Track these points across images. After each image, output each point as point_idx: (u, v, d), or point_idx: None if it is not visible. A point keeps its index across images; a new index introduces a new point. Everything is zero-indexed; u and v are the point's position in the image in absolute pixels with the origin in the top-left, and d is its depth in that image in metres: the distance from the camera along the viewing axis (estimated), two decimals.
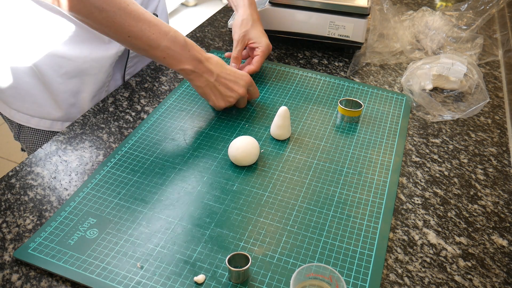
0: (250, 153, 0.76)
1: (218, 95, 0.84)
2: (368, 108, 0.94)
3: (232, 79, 0.84)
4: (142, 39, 0.75)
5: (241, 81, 0.85)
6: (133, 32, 0.74)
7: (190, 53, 0.79)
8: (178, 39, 0.78)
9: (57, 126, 0.99)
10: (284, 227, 0.68)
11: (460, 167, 0.83)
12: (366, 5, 1.05)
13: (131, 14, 0.73)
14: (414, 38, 1.19)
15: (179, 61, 0.79)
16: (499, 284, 0.63)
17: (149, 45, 0.76)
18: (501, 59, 1.19)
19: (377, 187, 0.76)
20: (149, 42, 0.76)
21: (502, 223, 0.72)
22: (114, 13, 0.72)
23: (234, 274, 0.59)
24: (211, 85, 0.83)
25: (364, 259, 0.64)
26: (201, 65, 0.81)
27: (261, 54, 0.97)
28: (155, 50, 0.77)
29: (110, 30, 0.74)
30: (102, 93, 0.99)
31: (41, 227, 0.66)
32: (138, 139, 0.83)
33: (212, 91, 0.83)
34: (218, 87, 0.83)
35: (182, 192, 0.73)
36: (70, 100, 0.95)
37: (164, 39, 0.77)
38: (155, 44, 0.76)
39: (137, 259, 0.62)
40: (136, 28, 0.74)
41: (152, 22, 0.76)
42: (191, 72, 0.80)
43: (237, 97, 0.86)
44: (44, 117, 0.97)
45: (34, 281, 0.60)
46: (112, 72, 0.98)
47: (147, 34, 0.75)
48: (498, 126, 0.94)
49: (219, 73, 0.82)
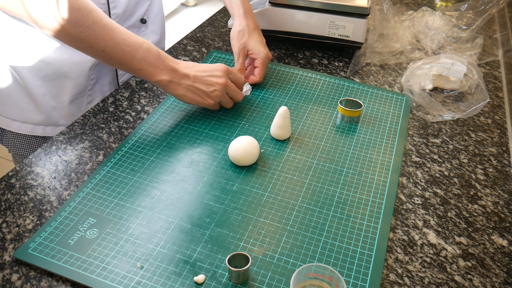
0: (250, 153, 0.76)
1: (202, 94, 0.84)
2: (368, 108, 0.94)
3: (208, 74, 0.83)
4: (117, 51, 0.75)
5: (217, 72, 0.84)
6: (108, 46, 0.74)
7: (164, 63, 0.80)
8: (151, 50, 0.78)
9: (39, 130, 0.98)
10: (284, 227, 0.68)
11: (460, 167, 0.83)
12: (366, 5, 1.05)
13: (104, 28, 0.74)
14: (414, 38, 1.19)
15: (155, 73, 0.79)
16: (499, 284, 0.63)
17: (125, 58, 0.76)
18: (501, 59, 1.19)
19: (377, 187, 0.76)
20: (124, 55, 0.76)
21: (502, 223, 0.72)
22: (88, 28, 0.72)
23: (234, 274, 0.59)
24: (191, 88, 0.82)
25: (364, 259, 0.64)
26: (176, 73, 0.81)
27: (261, 66, 0.96)
28: (130, 62, 0.77)
29: (85, 44, 0.74)
30: (84, 97, 0.98)
31: (41, 227, 0.66)
32: (138, 139, 0.83)
33: (194, 93, 0.83)
34: (198, 86, 0.83)
35: (182, 192, 0.73)
36: (50, 103, 0.95)
37: (139, 51, 0.77)
38: (130, 57, 0.76)
39: (137, 259, 0.62)
40: (111, 42, 0.74)
41: (125, 34, 0.76)
42: (168, 82, 0.80)
43: (221, 89, 0.84)
44: (26, 121, 0.96)
45: (34, 281, 0.60)
46: (95, 76, 0.97)
47: (122, 47, 0.75)
48: (498, 126, 0.94)
49: (195, 74, 0.82)
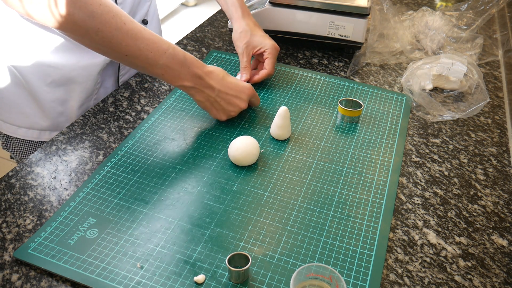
0: (250, 153, 0.76)
1: (220, 109, 0.83)
2: (368, 108, 0.94)
3: (234, 93, 0.83)
4: (140, 57, 0.74)
5: (243, 95, 0.84)
6: (131, 51, 0.73)
7: (189, 69, 0.78)
8: (177, 56, 0.76)
9: (45, 136, 0.97)
10: (284, 227, 0.68)
11: (460, 167, 0.83)
12: (366, 5, 1.05)
13: (128, 34, 0.72)
14: (414, 38, 1.19)
15: (178, 78, 0.78)
16: (499, 284, 0.63)
17: (147, 63, 0.75)
18: (501, 59, 1.19)
19: (377, 187, 0.76)
20: (147, 61, 0.74)
21: (502, 223, 0.72)
22: (110, 34, 0.70)
23: (234, 274, 0.59)
24: (212, 99, 0.82)
25: (364, 259, 0.64)
26: (201, 81, 0.79)
27: (270, 56, 0.96)
28: (153, 68, 0.76)
29: (108, 49, 0.73)
30: (91, 101, 0.97)
31: (41, 227, 0.66)
32: (138, 139, 0.83)
33: (213, 106, 0.83)
34: (219, 102, 0.82)
35: (182, 192, 0.73)
36: (57, 109, 0.94)
37: (163, 57, 0.75)
38: (153, 62, 0.75)
39: (137, 259, 0.62)
40: (134, 48, 0.73)
41: (150, 39, 0.74)
42: (191, 88, 0.79)
43: (238, 111, 0.85)
44: (32, 127, 0.96)
45: (34, 281, 0.60)
46: (101, 79, 0.97)
47: (145, 52, 0.74)
48: (498, 126, 0.94)
49: (220, 88, 0.81)
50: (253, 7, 1.14)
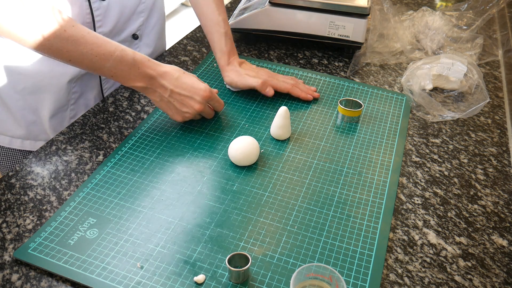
0: (250, 153, 0.76)
1: (174, 110, 0.82)
2: (368, 108, 0.94)
3: (187, 94, 0.80)
4: (83, 62, 0.74)
5: (197, 97, 0.81)
6: (73, 57, 0.73)
7: (139, 70, 0.77)
8: (124, 58, 0.75)
9: (17, 143, 0.96)
10: (284, 227, 0.68)
11: (460, 167, 0.83)
12: (366, 5, 1.05)
13: (68, 40, 0.71)
14: (414, 38, 1.19)
15: (128, 79, 0.77)
16: (499, 284, 0.63)
17: (93, 67, 0.75)
18: (501, 59, 1.19)
19: (377, 187, 0.76)
20: (92, 65, 0.74)
21: (502, 223, 0.72)
22: (49, 41, 0.70)
23: (234, 274, 0.59)
24: (165, 100, 0.81)
25: (364, 259, 0.64)
26: (153, 81, 0.79)
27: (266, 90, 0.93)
28: (100, 70, 0.75)
29: (51, 55, 0.73)
30: (66, 111, 0.95)
31: (41, 227, 0.66)
32: (138, 139, 0.83)
33: (167, 106, 0.82)
34: (172, 102, 0.81)
35: (182, 192, 0.73)
36: (29, 118, 0.93)
37: (109, 60, 0.74)
38: (99, 66, 0.74)
39: (137, 259, 0.62)
40: (76, 53, 0.72)
41: (94, 43, 0.73)
42: (143, 88, 0.79)
43: (193, 113, 0.82)
44: (3, 133, 0.95)
45: (34, 281, 0.60)
46: (79, 90, 0.95)
47: (89, 57, 0.73)
48: (498, 126, 0.94)
49: (173, 88, 0.80)
50: (253, 7, 1.14)
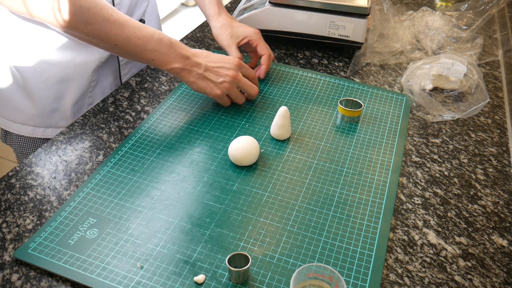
0: (250, 153, 0.76)
1: (212, 84, 0.85)
2: (368, 108, 0.94)
3: (220, 64, 0.85)
4: (129, 45, 0.78)
5: (228, 64, 0.86)
6: (120, 40, 0.77)
7: (176, 51, 0.82)
8: (163, 40, 0.80)
9: (39, 132, 0.98)
10: (284, 227, 0.68)
11: (460, 167, 0.83)
12: (366, 5, 1.05)
13: (115, 23, 0.76)
14: (414, 38, 1.19)
15: (168, 61, 0.81)
16: (499, 284, 0.63)
17: (137, 50, 0.79)
18: (501, 59, 1.19)
19: (377, 187, 0.76)
20: (136, 47, 0.79)
21: (502, 223, 0.72)
22: (99, 25, 0.75)
23: (234, 274, 0.59)
24: (201, 77, 0.84)
25: (364, 259, 0.64)
26: (189, 61, 0.83)
27: (258, 41, 0.98)
28: (143, 53, 0.80)
29: (98, 40, 0.77)
30: (85, 98, 0.98)
31: (41, 227, 0.66)
32: (138, 139, 0.83)
33: (205, 83, 0.85)
34: (208, 76, 0.84)
35: (182, 192, 0.73)
36: (51, 106, 0.94)
37: (150, 42, 0.79)
38: (142, 48, 0.79)
39: (137, 259, 0.62)
40: (122, 36, 0.77)
41: (136, 27, 0.78)
42: (180, 70, 0.83)
43: (230, 81, 0.85)
44: (26, 123, 0.96)
45: (34, 281, 0.60)
46: (97, 78, 0.97)
47: (133, 40, 0.78)
48: (498, 126, 0.94)
49: (206, 63, 0.84)
50: (253, 7, 1.14)
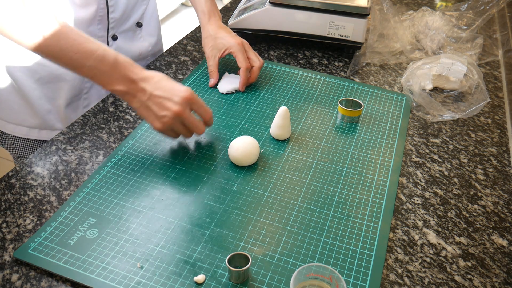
0: (250, 153, 0.76)
1: (153, 116, 0.75)
2: (368, 108, 0.94)
3: (166, 95, 0.74)
4: (62, 59, 0.71)
5: (176, 98, 0.73)
6: (53, 52, 0.70)
7: (121, 72, 0.72)
8: (106, 58, 0.71)
9: (34, 133, 0.97)
10: (284, 227, 0.68)
11: (460, 167, 0.83)
12: (366, 5, 1.05)
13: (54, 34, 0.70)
14: (414, 38, 1.19)
15: (109, 81, 0.72)
16: (499, 284, 0.63)
17: (72, 65, 0.71)
18: (501, 59, 1.19)
19: (377, 187, 0.76)
20: (72, 62, 0.71)
21: (502, 223, 0.72)
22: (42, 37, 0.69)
23: (234, 274, 0.59)
24: (144, 105, 0.74)
25: (364, 259, 0.64)
26: (134, 85, 0.73)
27: (237, 53, 0.95)
28: (80, 69, 0.72)
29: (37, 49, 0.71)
30: (80, 100, 0.97)
31: (41, 227, 0.66)
32: (138, 139, 0.83)
33: (146, 112, 0.75)
34: (151, 106, 0.74)
35: (182, 192, 0.73)
36: (45, 107, 0.94)
37: (90, 59, 0.70)
38: (78, 64, 0.71)
39: (137, 259, 0.62)
40: (56, 48, 0.70)
41: (76, 40, 0.70)
42: (124, 93, 0.74)
43: (172, 116, 0.74)
44: (20, 124, 0.96)
45: (34, 281, 0.60)
46: None
47: (69, 54, 0.70)
48: (498, 126, 0.94)
49: (152, 91, 0.74)
50: (253, 7, 1.14)
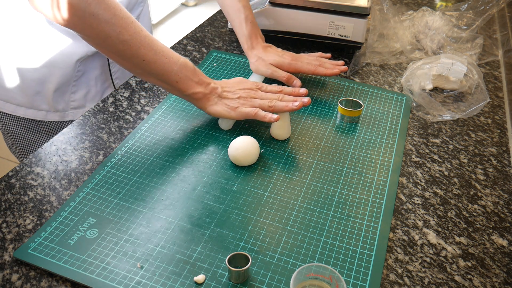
0: (250, 153, 0.76)
1: (228, 102, 0.83)
2: (368, 108, 0.94)
3: (236, 85, 0.85)
4: (156, 62, 0.76)
5: (245, 84, 0.86)
6: (148, 56, 0.75)
7: (199, 77, 0.81)
8: (188, 65, 0.80)
9: (20, 111, 1.01)
10: (284, 227, 0.68)
11: (460, 167, 0.83)
12: (366, 5, 1.05)
13: (146, 39, 0.75)
14: (414, 38, 1.19)
15: (191, 84, 0.80)
16: (499, 284, 0.63)
17: (163, 69, 0.77)
18: (501, 59, 1.19)
19: (377, 187, 0.76)
20: (163, 66, 0.77)
21: (502, 223, 0.72)
22: (130, 37, 0.73)
23: (234, 274, 0.59)
24: (219, 99, 0.83)
25: (364, 259, 0.64)
26: (209, 87, 0.82)
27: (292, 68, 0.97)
28: (169, 74, 0.78)
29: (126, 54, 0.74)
30: (69, 87, 1.00)
31: (41, 227, 0.66)
32: (138, 139, 0.83)
33: (222, 104, 0.83)
34: (226, 95, 0.83)
35: (182, 192, 0.73)
36: (35, 88, 0.98)
37: (177, 64, 0.78)
38: (169, 68, 0.77)
39: (137, 259, 0.62)
40: (151, 52, 0.75)
41: (164, 47, 0.78)
42: (203, 95, 0.82)
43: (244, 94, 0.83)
44: (8, 101, 1.00)
45: (34, 281, 0.60)
46: (83, 69, 1.00)
47: (161, 58, 0.76)
48: (498, 126, 0.94)
49: (223, 86, 0.84)
50: (253, 7, 1.14)
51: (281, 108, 0.81)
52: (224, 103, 0.83)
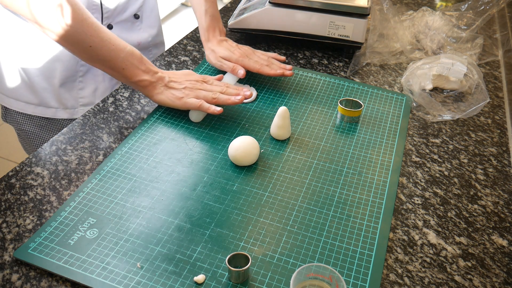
0: (250, 153, 0.76)
1: (174, 92, 0.85)
2: (368, 108, 0.94)
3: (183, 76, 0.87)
4: (103, 49, 0.79)
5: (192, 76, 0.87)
6: (95, 42, 0.78)
7: (146, 66, 0.83)
8: (135, 53, 0.82)
9: (30, 109, 1.02)
10: (284, 227, 0.68)
11: (460, 167, 0.83)
12: (366, 5, 1.05)
13: (92, 26, 0.77)
14: (414, 38, 1.19)
15: (137, 72, 0.82)
16: (499, 284, 0.63)
17: (109, 56, 0.80)
18: (501, 59, 1.19)
19: (377, 187, 0.76)
20: (109, 53, 0.79)
21: (502, 223, 0.72)
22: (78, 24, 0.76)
23: (234, 274, 0.59)
24: (165, 89, 0.85)
25: (364, 259, 0.64)
26: (156, 75, 0.85)
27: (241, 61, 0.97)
28: (115, 60, 0.80)
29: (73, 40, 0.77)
30: (75, 82, 1.01)
31: (41, 227, 0.66)
32: (138, 139, 0.83)
33: (167, 94, 0.85)
34: (172, 85, 0.85)
35: (182, 192, 0.73)
36: (42, 84, 0.99)
37: (123, 51, 0.80)
38: (114, 55, 0.80)
39: (137, 259, 0.62)
40: (98, 39, 0.78)
41: (111, 35, 0.80)
42: (148, 83, 0.84)
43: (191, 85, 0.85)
44: (18, 99, 1.01)
45: (34, 281, 0.60)
46: (88, 64, 1.00)
47: (107, 45, 0.79)
48: (498, 126, 0.94)
49: (170, 76, 0.86)
50: (253, 7, 1.14)
51: (223, 100, 0.84)
52: (170, 92, 0.85)
